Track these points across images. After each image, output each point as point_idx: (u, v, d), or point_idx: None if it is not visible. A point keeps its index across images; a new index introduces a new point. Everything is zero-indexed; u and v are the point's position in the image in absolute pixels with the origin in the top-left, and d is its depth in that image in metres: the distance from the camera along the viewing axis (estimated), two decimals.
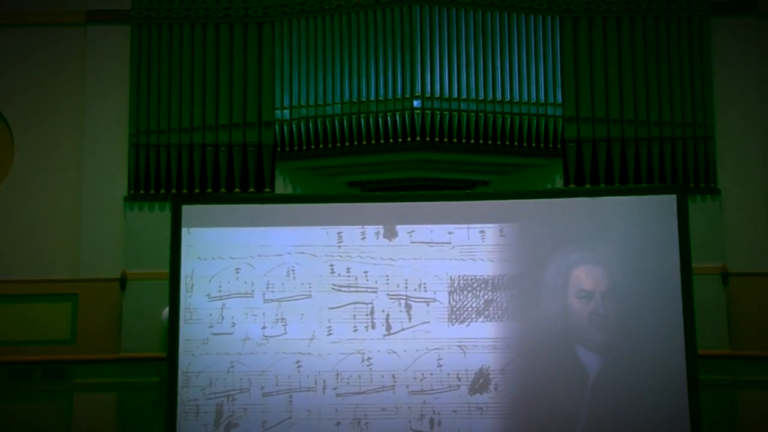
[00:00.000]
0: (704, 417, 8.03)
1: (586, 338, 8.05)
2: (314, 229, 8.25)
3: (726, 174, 9.24)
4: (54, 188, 9.32)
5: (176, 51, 9.41)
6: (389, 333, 8.09)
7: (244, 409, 8.02)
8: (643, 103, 9.29)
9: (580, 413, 7.94)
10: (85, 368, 8.94)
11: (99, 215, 9.22)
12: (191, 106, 9.31)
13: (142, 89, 9.35)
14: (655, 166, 9.18)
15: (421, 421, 7.98)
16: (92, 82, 9.42)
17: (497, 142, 9.10)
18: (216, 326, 8.14)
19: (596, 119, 9.26)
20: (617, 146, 9.23)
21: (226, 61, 9.37)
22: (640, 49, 9.37)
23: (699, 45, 9.37)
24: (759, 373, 8.88)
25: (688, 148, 9.21)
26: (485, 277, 8.14)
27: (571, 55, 9.31)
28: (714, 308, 8.88)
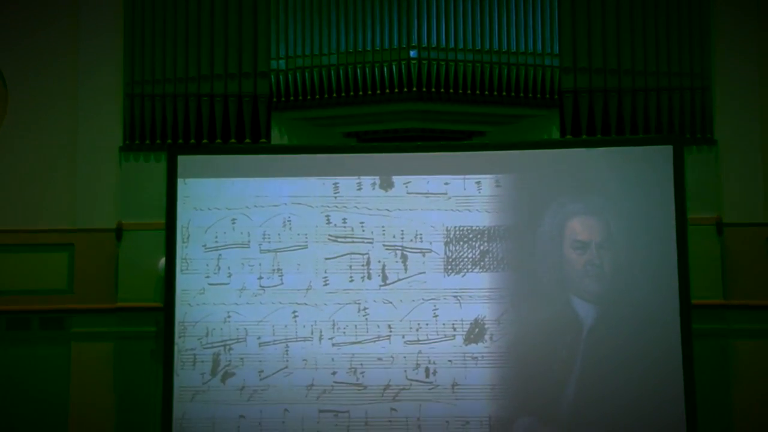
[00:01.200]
0: (697, 366, 8.07)
1: (581, 288, 8.10)
2: (310, 179, 8.25)
3: (723, 124, 9.21)
4: (49, 139, 9.27)
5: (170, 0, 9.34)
6: (385, 283, 8.12)
7: (241, 359, 8.08)
8: (640, 53, 9.23)
9: (574, 363, 8.01)
10: (82, 318, 8.96)
11: (94, 165, 9.17)
12: (186, 56, 9.23)
13: (137, 39, 9.27)
14: (652, 116, 9.16)
15: (417, 371, 8.04)
16: (86, 31, 9.33)
17: (494, 92, 9.05)
18: (212, 276, 8.17)
19: (593, 70, 9.20)
20: (614, 97, 9.19)
21: (221, 10, 9.27)
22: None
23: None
24: (752, 322, 8.92)
25: (685, 99, 9.17)
26: (481, 228, 8.16)
27: (568, 5, 9.23)
28: (708, 258, 8.89)
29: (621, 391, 7.96)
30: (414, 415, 7.97)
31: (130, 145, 9.18)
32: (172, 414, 8.02)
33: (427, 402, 7.97)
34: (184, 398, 8.05)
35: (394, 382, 8.00)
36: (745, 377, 8.87)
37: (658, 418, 7.92)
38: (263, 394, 8.03)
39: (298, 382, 8.02)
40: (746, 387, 8.85)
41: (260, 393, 8.03)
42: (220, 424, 8.01)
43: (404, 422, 7.97)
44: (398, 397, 7.98)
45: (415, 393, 7.99)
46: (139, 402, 8.81)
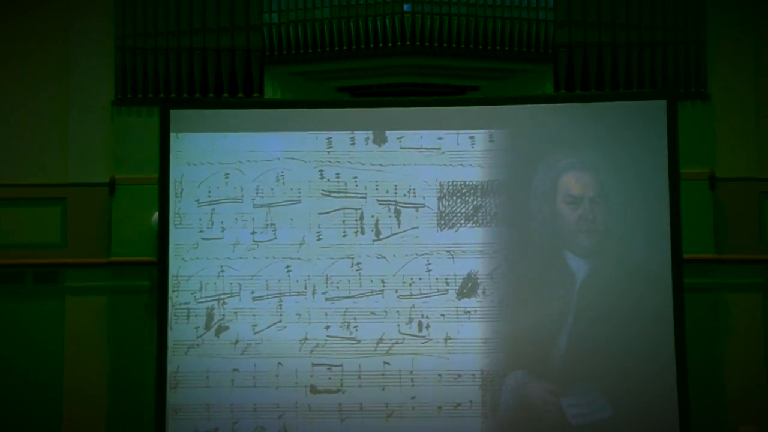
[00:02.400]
0: (688, 320, 8.12)
1: (574, 243, 8.12)
2: (303, 134, 8.23)
3: (717, 79, 9.19)
4: (40, 93, 9.22)
5: None
6: (378, 238, 8.14)
7: (235, 313, 8.11)
8: (634, 7, 9.18)
9: (566, 317, 8.05)
10: (76, 272, 8.98)
11: (86, 120, 9.14)
12: (178, 9, 9.15)
13: None
14: (646, 71, 9.13)
15: (410, 325, 8.08)
16: None
17: (488, 46, 9.02)
18: (206, 231, 8.18)
19: (588, 24, 9.16)
20: (608, 51, 9.15)
21: None
22: None
23: None
24: (743, 276, 8.97)
25: (680, 53, 9.14)
26: (474, 183, 8.16)
27: None
28: (700, 213, 8.92)
29: (612, 344, 8.00)
30: (407, 369, 8.01)
31: (122, 99, 9.13)
32: (166, 368, 8.06)
33: (420, 356, 8.02)
34: (178, 352, 8.08)
35: (387, 336, 8.04)
36: (736, 330, 8.94)
37: (649, 371, 7.97)
38: (257, 348, 8.07)
39: (291, 336, 8.06)
40: (736, 340, 8.91)
41: (254, 347, 8.07)
42: (214, 378, 8.04)
43: (397, 376, 8.02)
44: (391, 351, 8.03)
45: (408, 347, 8.03)
46: (133, 356, 8.85)
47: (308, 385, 8.01)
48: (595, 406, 7.99)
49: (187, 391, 8.04)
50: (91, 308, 8.93)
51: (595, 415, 7.98)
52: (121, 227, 8.95)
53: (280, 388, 8.01)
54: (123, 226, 8.95)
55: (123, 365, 8.86)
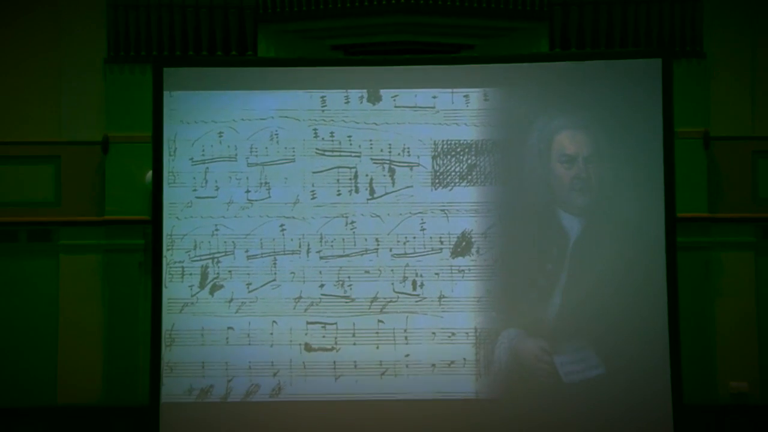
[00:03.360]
0: (681, 278, 8.17)
1: (568, 202, 8.13)
2: (297, 92, 8.20)
3: (712, 37, 9.15)
4: (32, 50, 9.16)
5: None
6: (372, 197, 8.14)
7: (229, 272, 8.13)
8: None
9: (560, 275, 8.08)
10: (70, 230, 8.98)
11: (79, 78, 9.09)
12: None
13: None
14: (641, 29, 9.09)
15: (404, 283, 8.11)
16: None
17: (483, 4, 8.96)
18: (200, 190, 8.17)
19: None
20: (603, 9, 9.10)
21: None
22: None
23: None
24: (736, 235, 9.01)
25: (675, 11, 9.09)
26: (468, 142, 8.15)
27: None
28: (694, 172, 8.93)
29: (605, 303, 8.04)
30: (401, 327, 8.06)
31: (114, 57, 9.07)
32: (161, 325, 8.09)
33: (414, 314, 8.06)
34: (173, 310, 8.12)
35: (382, 294, 8.08)
36: (728, 289, 8.99)
37: (642, 329, 8.02)
38: (251, 306, 8.10)
39: (286, 295, 8.09)
40: (728, 298, 8.96)
41: (248, 305, 8.10)
42: (209, 336, 8.08)
43: (391, 334, 8.06)
44: (385, 310, 8.07)
45: (402, 305, 8.07)
46: (127, 314, 8.89)
47: (303, 343, 8.05)
48: (588, 364, 8.04)
49: (182, 349, 8.08)
50: (85, 267, 8.95)
51: (588, 373, 8.04)
52: (115, 186, 8.94)
53: (275, 346, 8.05)
54: (117, 184, 8.94)
55: (118, 323, 8.89)
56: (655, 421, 7.95)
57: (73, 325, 8.89)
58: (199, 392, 8.05)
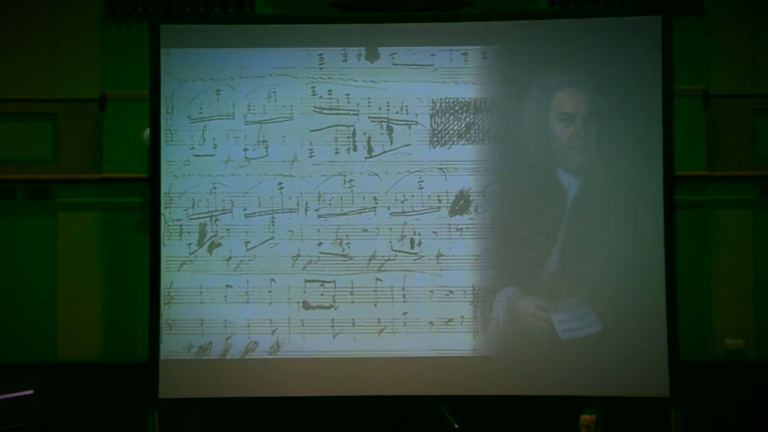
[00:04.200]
0: (678, 236, 8.17)
1: (566, 160, 8.12)
2: (295, 50, 8.15)
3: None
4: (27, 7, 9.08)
5: None
6: (371, 155, 8.13)
7: (227, 230, 8.14)
8: None
9: (557, 233, 8.09)
10: (67, 188, 8.98)
11: (74, 35, 9.03)
12: None
13: None
14: None
15: (402, 242, 8.12)
16: None
17: None
18: (197, 148, 8.16)
19: None
20: None
21: None
22: None
23: None
24: (734, 193, 9.01)
25: None
26: (467, 100, 8.13)
27: None
28: (693, 130, 8.92)
29: (603, 261, 8.05)
30: (399, 285, 8.08)
31: (110, 13, 9.00)
32: (159, 283, 8.12)
33: (412, 272, 8.08)
34: (172, 268, 8.13)
35: (380, 252, 8.09)
36: (725, 247, 9.00)
37: (640, 286, 8.04)
38: (250, 264, 8.11)
39: (284, 253, 8.10)
40: (725, 256, 8.98)
41: (247, 263, 8.11)
42: (207, 294, 8.10)
43: (389, 292, 8.08)
44: (383, 268, 8.09)
45: (400, 263, 8.09)
46: (126, 272, 8.92)
47: (301, 301, 8.08)
48: (585, 321, 8.08)
49: (181, 307, 8.11)
50: (83, 224, 8.96)
51: (585, 330, 8.07)
52: (113, 144, 8.92)
53: (273, 304, 8.08)
54: (114, 142, 8.92)
55: (117, 281, 8.93)
56: (652, 378, 7.98)
57: (72, 283, 8.91)
58: (198, 349, 8.09)
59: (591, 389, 7.97)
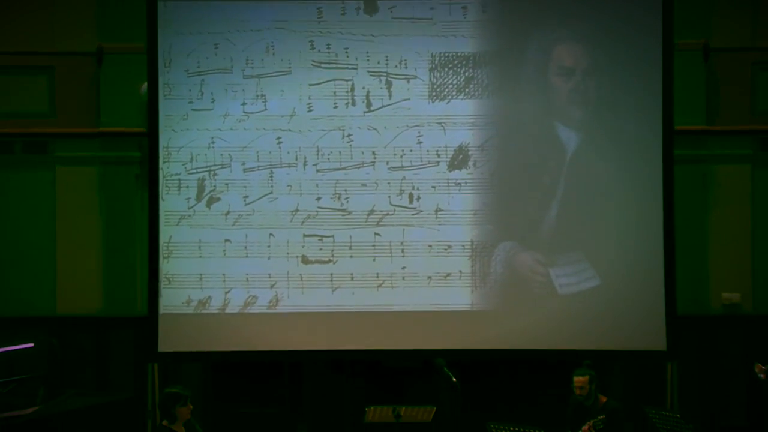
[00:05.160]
0: (677, 191, 8.20)
1: (566, 115, 8.11)
2: (293, 3, 8.10)
3: None
4: None
5: None
6: (369, 110, 8.11)
7: (226, 184, 8.14)
8: None
9: (556, 188, 8.11)
10: (65, 142, 8.93)
11: None
12: None
13: None
14: None
15: (401, 196, 8.12)
16: None
17: None
18: (196, 102, 8.14)
19: None
20: None
21: None
22: None
23: None
24: (733, 147, 8.98)
25: None
26: (466, 54, 8.09)
27: None
28: (693, 84, 8.86)
29: (602, 215, 8.09)
30: (397, 240, 8.10)
31: None
32: (158, 238, 8.14)
33: (411, 227, 8.10)
34: (170, 222, 8.15)
35: (378, 207, 8.10)
36: (723, 201, 8.99)
37: (638, 241, 8.08)
38: (248, 219, 8.12)
39: (282, 207, 8.11)
40: (723, 211, 8.97)
41: (245, 218, 8.12)
42: (206, 248, 8.13)
43: (387, 246, 8.10)
44: (382, 222, 8.10)
45: (398, 218, 8.10)
46: (125, 226, 8.90)
47: (300, 256, 8.11)
48: (583, 276, 8.12)
49: (180, 261, 8.13)
50: (81, 179, 8.93)
51: (583, 285, 8.12)
52: (110, 97, 8.87)
53: (272, 259, 8.11)
54: (112, 96, 8.87)
55: (115, 235, 8.92)
56: (649, 332, 8.04)
57: (71, 237, 8.91)
58: (197, 303, 8.13)
59: (588, 343, 8.03)
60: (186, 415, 6.26)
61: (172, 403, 6.23)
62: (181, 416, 6.24)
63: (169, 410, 6.22)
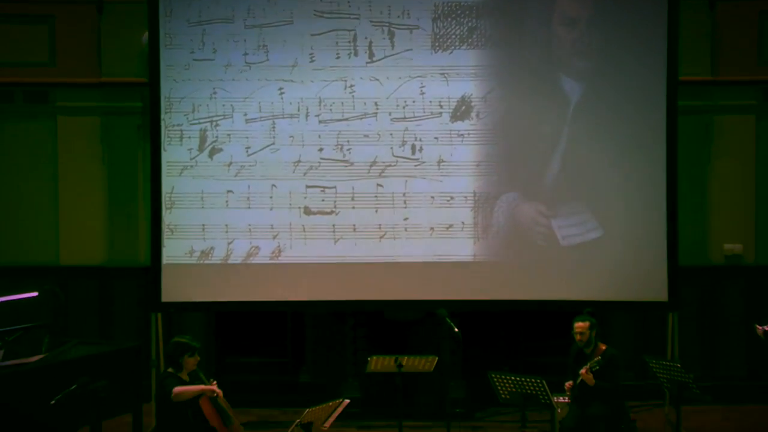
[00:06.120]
0: (680, 142, 8.14)
1: (569, 65, 8.05)
2: None
3: None
4: None
5: None
6: (372, 60, 8.05)
7: (228, 135, 8.11)
8: None
9: (559, 139, 8.06)
10: (66, 91, 8.91)
11: None
12: None
13: None
14: None
15: (403, 148, 8.09)
16: None
17: None
18: (197, 52, 8.08)
19: None
20: None
21: None
22: None
23: None
24: (738, 98, 8.94)
25: None
26: (469, 4, 8.01)
27: None
28: (699, 34, 8.81)
29: (605, 166, 8.05)
30: (400, 191, 8.09)
31: None
32: (160, 188, 8.12)
33: (413, 178, 8.08)
34: (172, 173, 8.13)
35: (381, 158, 8.08)
36: (727, 152, 8.98)
37: (640, 192, 8.05)
38: (251, 170, 8.11)
39: (285, 158, 8.09)
40: (726, 162, 8.97)
41: (248, 168, 8.11)
42: (209, 199, 8.12)
43: (390, 198, 8.09)
44: (384, 174, 8.08)
45: (401, 169, 8.08)
46: (128, 176, 8.92)
47: (302, 207, 8.10)
48: (586, 227, 8.11)
49: (182, 212, 8.13)
50: (83, 129, 8.92)
51: (585, 236, 8.11)
52: (111, 47, 8.83)
53: (275, 210, 8.10)
54: (113, 45, 8.83)
55: (118, 186, 8.94)
56: (650, 282, 8.04)
57: (73, 188, 8.93)
58: (200, 254, 8.14)
59: (590, 293, 8.04)
60: (192, 365, 6.30)
61: (180, 352, 6.26)
62: (187, 366, 6.27)
63: (176, 359, 6.26)
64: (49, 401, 6.00)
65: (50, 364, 6.93)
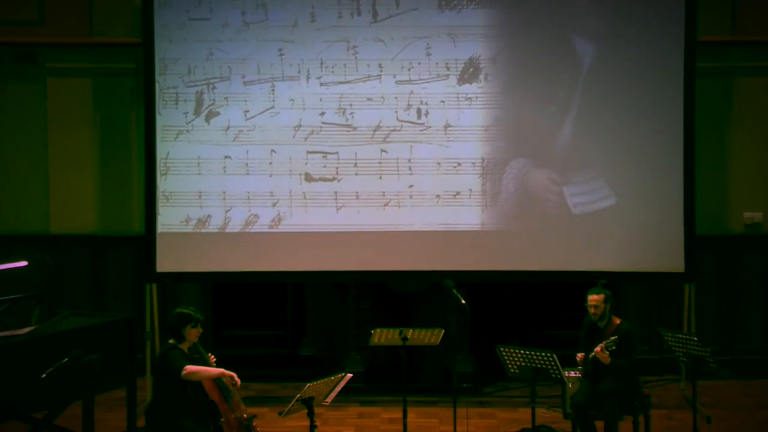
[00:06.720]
0: (698, 105, 7.88)
1: (582, 25, 7.76)
2: None
3: None
4: None
5: None
6: (376, 20, 7.79)
7: (225, 98, 7.87)
8: None
9: (571, 103, 7.80)
10: (56, 52, 8.66)
11: None
12: None
13: None
14: None
15: (408, 111, 7.84)
16: None
17: None
18: (193, 11, 7.83)
19: None
20: None
21: None
22: None
23: None
24: (758, 59, 8.66)
25: None
26: None
27: None
28: None
29: (619, 132, 7.79)
30: (405, 157, 7.84)
31: None
32: (155, 154, 7.88)
33: (419, 143, 7.83)
34: (168, 138, 7.89)
35: (385, 123, 7.83)
36: (746, 115, 8.70)
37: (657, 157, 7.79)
38: (249, 135, 7.87)
39: (285, 123, 7.85)
40: (745, 126, 8.70)
41: (246, 133, 7.87)
42: (206, 165, 7.89)
43: (395, 164, 7.85)
44: (389, 139, 7.84)
45: (406, 134, 7.83)
46: (121, 141, 8.69)
47: (303, 173, 7.87)
48: (598, 195, 7.87)
49: (178, 178, 7.90)
50: (74, 91, 8.68)
51: (598, 204, 7.87)
52: (103, 5, 8.58)
53: (274, 176, 7.88)
54: (105, 3, 8.58)
55: (110, 151, 8.71)
56: (666, 252, 7.81)
57: (64, 153, 8.70)
58: (197, 222, 7.93)
59: (603, 264, 7.81)
60: (194, 337, 6.10)
61: (183, 323, 6.05)
62: (189, 337, 6.07)
63: (179, 330, 6.05)
64: (39, 375, 5.81)
65: (41, 336, 6.72)
